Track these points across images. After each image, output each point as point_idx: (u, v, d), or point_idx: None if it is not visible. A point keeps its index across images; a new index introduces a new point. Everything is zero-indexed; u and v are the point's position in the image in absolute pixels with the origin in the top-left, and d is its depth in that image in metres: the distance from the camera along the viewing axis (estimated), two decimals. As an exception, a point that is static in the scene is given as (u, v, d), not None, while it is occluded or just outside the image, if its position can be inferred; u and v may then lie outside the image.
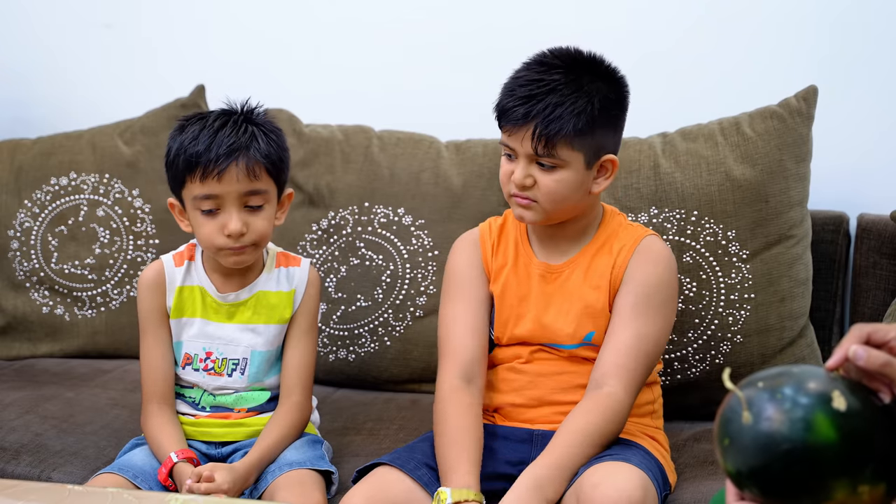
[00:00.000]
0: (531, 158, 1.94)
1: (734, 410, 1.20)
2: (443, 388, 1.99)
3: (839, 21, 2.49)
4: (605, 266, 2.01)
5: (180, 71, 2.83)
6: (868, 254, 2.36)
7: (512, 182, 1.96)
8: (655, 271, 2.00)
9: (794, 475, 1.16)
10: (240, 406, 2.12)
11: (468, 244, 2.10)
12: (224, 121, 2.02)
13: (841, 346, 1.21)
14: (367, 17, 2.76)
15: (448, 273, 2.10)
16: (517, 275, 2.05)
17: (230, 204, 2.00)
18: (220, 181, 1.98)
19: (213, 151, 1.98)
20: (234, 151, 1.98)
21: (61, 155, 2.67)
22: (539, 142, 1.91)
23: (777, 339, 2.28)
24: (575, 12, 2.63)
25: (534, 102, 1.92)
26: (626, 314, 1.97)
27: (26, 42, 2.95)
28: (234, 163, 1.98)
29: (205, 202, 2.00)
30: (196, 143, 1.99)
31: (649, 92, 2.56)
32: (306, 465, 2.01)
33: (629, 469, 1.81)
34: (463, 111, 2.63)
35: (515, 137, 1.94)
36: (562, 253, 2.04)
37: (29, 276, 2.64)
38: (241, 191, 2.00)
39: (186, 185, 2.02)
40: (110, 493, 1.75)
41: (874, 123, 2.48)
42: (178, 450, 1.99)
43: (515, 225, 2.09)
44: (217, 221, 2.01)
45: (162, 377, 2.09)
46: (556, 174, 1.94)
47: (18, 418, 2.29)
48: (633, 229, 2.05)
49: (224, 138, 1.99)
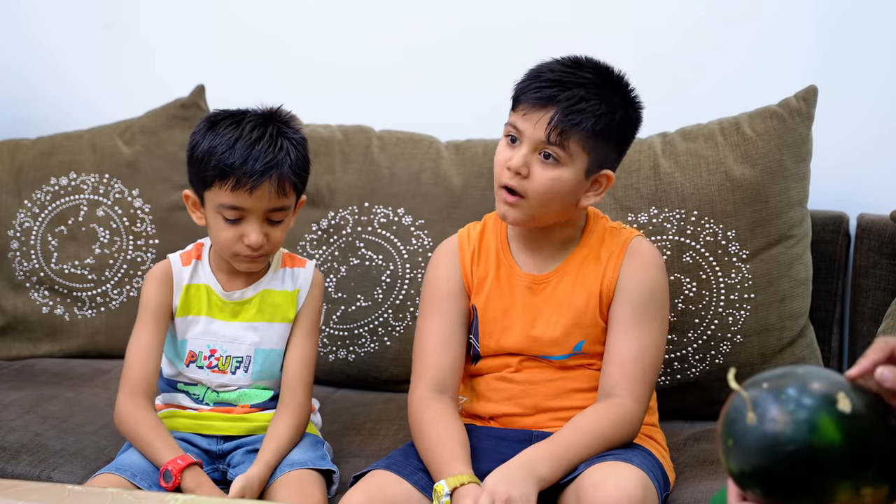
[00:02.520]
0: (536, 147, 1.89)
1: (739, 411, 1.20)
2: (413, 401, 2.00)
3: (839, 21, 2.49)
4: (595, 275, 1.98)
5: (180, 71, 2.83)
6: (868, 254, 2.36)
7: (507, 168, 1.90)
8: (648, 277, 1.98)
9: (798, 476, 1.16)
10: (242, 402, 2.12)
11: (446, 255, 2.06)
12: (261, 132, 2.00)
13: (866, 357, 1.20)
14: (366, 18, 2.76)
15: (425, 285, 2.08)
16: (500, 287, 2.02)
17: (255, 217, 2.01)
18: (251, 195, 1.99)
19: (249, 166, 1.97)
20: (269, 169, 1.98)
21: (61, 155, 2.67)
22: (555, 129, 1.87)
23: (777, 339, 2.29)
24: (575, 13, 2.63)
25: (560, 88, 1.88)
26: (625, 325, 1.96)
27: (26, 42, 2.95)
28: (268, 180, 1.98)
29: (229, 211, 2.01)
30: (232, 153, 1.98)
31: (649, 92, 2.55)
32: (307, 465, 2.01)
33: (630, 469, 1.80)
34: (463, 111, 2.63)
35: (530, 118, 1.89)
36: (546, 261, 2.01)
37: (29, 276, 2.64)
38: (269, 207, 2.01)
39: (213, 189, 2.01)
40: (110, 493, 1.74)
41: (874, 123, 2.48)
42: (180, 456, 1.97)
43: (496, 232, 2.06)
44: (238, 230, 2.02)
45: (151, 370, 2.07)
46: (556, 171, 1.89)
47: (18, 418, 2.29)
48: (619, 232, 2.02)
49: (260, 153, 1.98)
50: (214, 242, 2.08)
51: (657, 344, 1.97)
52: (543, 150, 1.89)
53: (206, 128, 2.04)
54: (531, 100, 1.89)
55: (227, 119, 2.04)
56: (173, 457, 1.96)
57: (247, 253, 2.03)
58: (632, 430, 1.93)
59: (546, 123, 1.87)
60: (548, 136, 1.88)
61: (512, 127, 1.92)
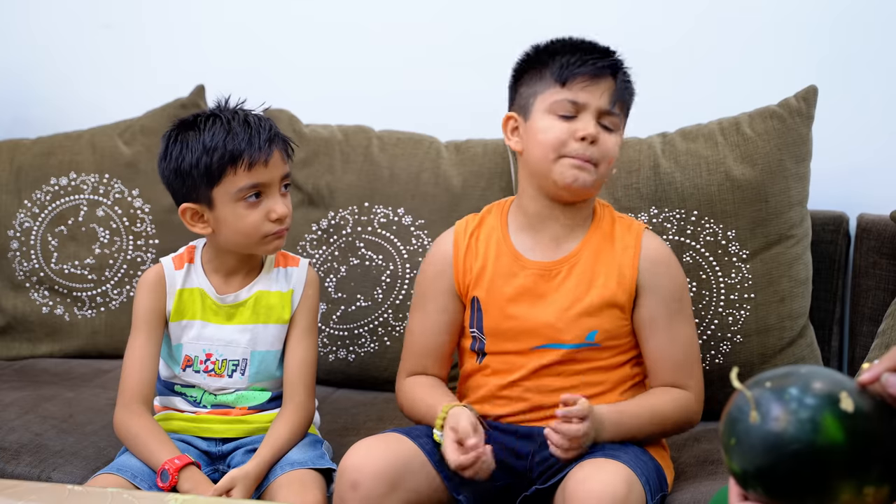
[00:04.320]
0: (599, 116, 1.95)
1: (742, 410, 1.20)
2: (398, 385, 2.12)
3: (839, 21, 2.49)
4: (611, 265, 1.99)
5: (180, 71, 2.83)
6: (868, 254, 2.36)
7: (579, 138, 1.94)
8: (673, 274, 2.02)
9: (801, 476, 1.17)
10: (240, 404, 2.12)
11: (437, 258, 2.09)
12: (240, 117, 2.05)
13: (882, 362, 1.20)
14: (367, 19, 2.76)
15: (418, 279, 2.12)
16: (501, 276, 2.02)
17: (273, 189, 2.05)
18: (267, 167, 2.03)
19: (256, 141, 2.02)
20: (273, 137, 2.05)
21: (61, 155, 2.67)
22: (619, 97, 1.96)
23: (777, 339, 2.29)
24: (574, 13, 2.63)
25: (614, 59, 1.98)
26: (665, 326, 2.00)
27: (26, 42, 2.95)
28: (277, 148, 2.04)
29: (250, 191, 2.03)
30: (233, 138, 2.02)
31: (649, 92, 2.55)
32: (307, 464, 2.01)
33: (615, 465, 1.81)
34: (463, 111, 2.63)
35: (592, 90, 1.95)
36: (554, 248, 2.02)
37: (29, 276, 2.64)
38: (282, 174, 2.06)
39: (224, 180, 2.02)
40: (110, 494, 1.74)
41: (874, 123, 2.48)
42: (177, 456, 1.98)
43: (497, 223, 2.06)
44: (262, 209, 2.04)
45: (147, 379, 2.07)
46: (614, 136, 1.98)
47: (18, 418, 2.29)
48: (628, 224, 2.04)
49: (258, 128, 2.04)
50: (240, 235, 2.05)
51: (695, 335, 2.06)
52: (603, 120, 1.96)
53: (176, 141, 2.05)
54: (590, 71, 1.95)
55: (191, 125, 2.06)
56: (170, 457, 1.96)
57: (275, 229, 2.05)
58: (690, 420, 2.03)
59: (611, 92, 1.95)
60: (612, 105, 1.96)
61: (568, 102, 1.95)
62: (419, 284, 2.11)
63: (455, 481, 1.91)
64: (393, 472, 1.85)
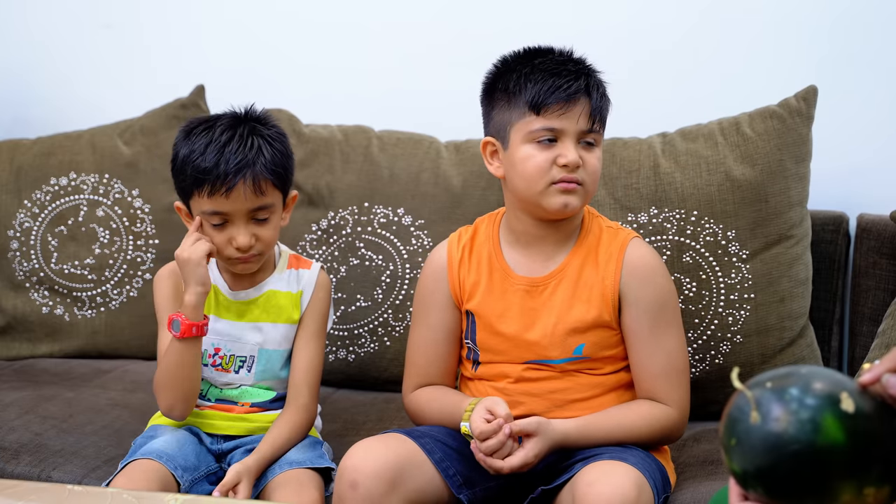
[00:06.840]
0: (579, 137, 1.93)
1: (742, 410, 1.20)
2: (406, 398, 2.10)
3: (839, 21, 2.49)
4: (595, 279, 1.98)
5: (180, 71, 2.83)
6: (868, 254, 2.36)
7: (561, 166, 1.92)
8: (656, 285, 1.99)
9: (802, 476, 1.16)
10: (244, 400, 2.13)
11: (433, 269, 2.08)
12: (231, 134, 2.01)
13: (883, 363, 1.20)
14: (367, 19, 2.76)
15: (416, 292, 2.12)
16: (493, 291, 2.02)
17: (238, 219, 2.01)
18: (228, 198, 1.99)
19: (221, 168, 1.98)
20: (241, 169, 1.98)
21: (61, 155, 2.67)
22: (597, 113, 1.94)
23: (777, 339, 2.29)
24: (575, 13, 2.63)
25: (585, 77, 1.95)
26: (646, 338, 1.97)
27: (26, 42, 2.95)
28: (242, 180, 1.98)
29: (213, 217, 2.01)
30: (204, 158, 1.99)
31: (649, 92, 2.56)
32: (305, 464, 2.02)
33: (625, 468, 1.81)
34: (463, 111, 2.62)
35: (569, 115, 1.92)
36: (543, 263, 2.01)
37: (29, 277, 2.64)
38: (249, 208, 2.01)
39: (194, 197, 2.03)
40: (110, 494, 1.75)
41: (874, 123, 2.48)
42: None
43: (488, 236, 2.06)
44: (226, 234, 2.02)
45: None
46: (596, 151, 1.96)
47: (18, 418, 2.29)
48: (616, 234, 2.02)
49: (231, 154, 1.98)
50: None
51: (681, 345, 2.00)
52: (583, 139, 1.94)
53: (182, 137, 2.05)
54: (562, 98, 1.92)
55: (200, 126, 2.05)
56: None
57: (237, 255, 2.03)
58: (668, 435, 1.99)
59: (588, 114, 1.93)
60: (591, 124, 1.94)
61: (546, 130, 1.93)
62: (418, 299, 2.10)
63: (457, 480, 1.91)
64: (393, 472, 1.85)
